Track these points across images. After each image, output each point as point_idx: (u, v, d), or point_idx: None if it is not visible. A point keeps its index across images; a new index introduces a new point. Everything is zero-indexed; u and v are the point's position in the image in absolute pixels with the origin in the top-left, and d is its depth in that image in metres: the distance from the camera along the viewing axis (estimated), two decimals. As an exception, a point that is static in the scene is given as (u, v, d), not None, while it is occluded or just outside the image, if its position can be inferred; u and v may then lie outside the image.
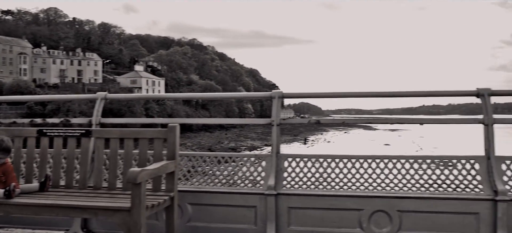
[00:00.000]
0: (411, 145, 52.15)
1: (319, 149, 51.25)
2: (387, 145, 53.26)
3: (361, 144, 54.21)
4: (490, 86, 3.54)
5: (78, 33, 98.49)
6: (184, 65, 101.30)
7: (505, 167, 3.43)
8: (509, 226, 3.26)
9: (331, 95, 4.26)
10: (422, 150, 46.02)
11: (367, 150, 39.97)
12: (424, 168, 3.52)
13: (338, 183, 3.55)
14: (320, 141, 64.63)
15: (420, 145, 52.50)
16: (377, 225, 3.41)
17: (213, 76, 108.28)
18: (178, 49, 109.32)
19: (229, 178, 3.71)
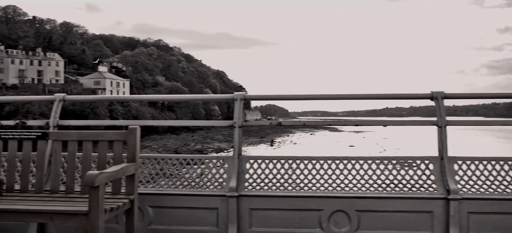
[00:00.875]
0: (375, 146, 53.51)
1: (286, 151, 51.74)
2: (351, 146, 54.42)
3: (327, 145, 55.12)
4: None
5: (39, 32, 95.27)
6: (149, 67, 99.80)
7: (457, 167, 3.58)
8: (461, 224, 3.41)
9: (293, 97, 4.32)
10: (386, 151, 47.32)
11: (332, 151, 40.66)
12: (381, 169, 3.63)
13: (299, 184, 3.61)
14: (286, 143, 65.24)
15: (384, 146, 53.94)
16: (337, 224, 3.49)
17: (180, 78, 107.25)
18: (144, 50, 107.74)
19: (190, 180, 3.70)
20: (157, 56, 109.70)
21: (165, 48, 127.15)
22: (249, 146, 56.30)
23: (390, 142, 58.82)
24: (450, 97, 3.77)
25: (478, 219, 3.43)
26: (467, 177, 3.56)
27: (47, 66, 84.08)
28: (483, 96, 4.09)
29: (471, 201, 3.43)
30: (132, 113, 67.49)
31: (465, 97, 4.01)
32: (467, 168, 3.58)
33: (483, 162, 3.60)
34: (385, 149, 49.72)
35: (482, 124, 4.19)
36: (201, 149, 51.91)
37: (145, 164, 3.78)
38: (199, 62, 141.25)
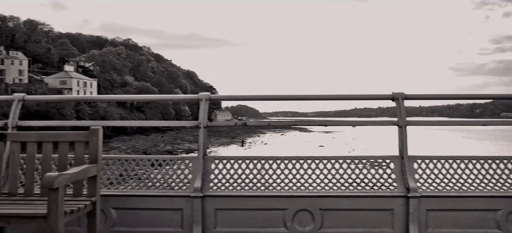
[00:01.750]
0: (344, 146, 54.32)
1: (256, 151, 51.84)
2: (321, 146, 54.99)
3: (297, 145, 55.56)
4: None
5: (1, 30, 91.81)
6: (118, 66, 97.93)
7: (417, 165, 3.70)
8: (420, 221, 3.52)
9: (259, 98, 4.34)
10: (354, 150, 48.12)
11: (302, 151, 41.10)
12: (344, 168, 3.71)
13: (264, 184, 3.64)
14: (257, 143, 65.33)
15: (352, 146, 54.86)
16: (301, 223, 3.54)
17: (149, 78, 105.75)
18: (112, 50, 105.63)
19: (155, 181, 3.67)
20: (126, 56, 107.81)
21: (134, 48, 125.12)
22: (220, 147, 56.13)
23: (359, 142, 59.87)
24: (410, 98, 3.89)
25: (436, 216, 3.56)
26: (426, 175, 3.68)
27: (10, 65, 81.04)
28: (441, 98, 4.27)
29: (430, 198, 3.55)
30: (100, 113, 66.04)
31: (424, 98, 4.16)
32: (426, 166, 3.70)
33: (441, 160, 3.72)
34: (354, 149, 50.55)
35: (440, 124, 4.33)
36: (171, 150, 51.35)
37: (109, 165, 3.72)
38: (169, 62, 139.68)
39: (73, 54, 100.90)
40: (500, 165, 3.73)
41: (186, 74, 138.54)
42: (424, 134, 65.64)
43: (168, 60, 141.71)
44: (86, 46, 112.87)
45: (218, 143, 59.91)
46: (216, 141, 61.83)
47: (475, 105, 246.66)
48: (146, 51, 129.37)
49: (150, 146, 55.69)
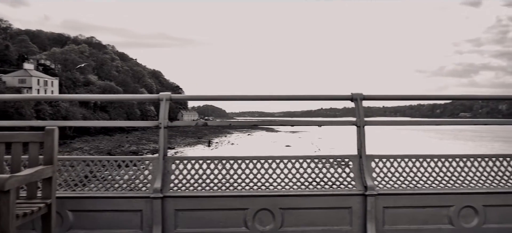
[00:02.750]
0: (310, 146, 54.98)
1: (223, 151, 51.71)
2: (288, 146, 55.46)
3: (264, 145, 55.79)
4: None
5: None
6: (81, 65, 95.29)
7: (374, 164, 3.80)
8: (377, 218, 3.62)
9: (221, 98, 4.34)
10: (320, 150, 48.78)
11: (269, 151, 41.29)
12: (304, 167, 3.77)
13: (225, 184, 3.66)
14: (224, 143, 65.18)
15: (318, 145, 55.61)
16: (261, 223, 3.57)
17: (113, 77, 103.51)
18: (74, 48, 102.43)
19: (114, 182, 3.61)
20: (89, 54, 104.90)
21: (98, 46, 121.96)
22: (187, 147, 55.67)
23: (325, 142, 60.73)
24: (368, 99, 3.99)
25: (392, 213, 3.67)
26: (383, 173, 3.79)
27: (-35, 63, 77.56)
28: (397, 98, 4.40)
29: (386, 196, 3.66)
30: (61, 113, 64.15)
31: (382, 99, 4.27)
32: (383, 165, 3.81)
33: (397, 159, 3.85)
34: (319, 149, 51.21)
35: (397, 123, 4.47)
36: (136, 150, 50.48)
37: (65, 166, 3.64)
38: (134, 61, 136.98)
39: (33, 51, 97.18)
40: (453, 163, 3.89)
41: (151, 73, 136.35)
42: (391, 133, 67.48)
43: (133, 59, 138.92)
44: (47, 43, 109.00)
45: (184, 143, 59.38)
46: (183, 141, 61.27)
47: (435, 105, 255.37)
48: (110, 50, 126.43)
49: (114, 146, 54.56)
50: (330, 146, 51.46)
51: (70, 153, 42.73)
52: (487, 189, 3.77)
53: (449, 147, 52.61)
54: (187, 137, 67.96)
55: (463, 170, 3.87)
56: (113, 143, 59.07)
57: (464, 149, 50.33)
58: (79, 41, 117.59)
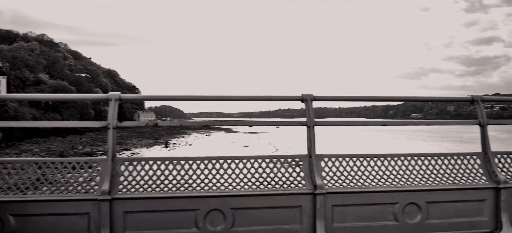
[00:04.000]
0: (268, 146, 55.34)
1: (180, 152, 51.08)
2: (246, 147, 55.53)
3: (222, 146, 55.60)
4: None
5: None
6: (31, 63, 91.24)
7: (324, 164, 3.90)
8: (326, 216, 3.72)
9: (174, 98, 4.32)
10: (278, 150, 49.22)
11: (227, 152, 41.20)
12: (256, 167, 3.80)
13: (175, 185, 3.63)
14: (182, 144, 64.37)
15: (276, 146, 56.07)
16: (212, 223, 3.57)
17: (66, 76, 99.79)
18: (24, 45, 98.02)
19: (59, 185, 3.50)
20: (40, 52, 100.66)
21: (50, 44, 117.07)
22: (143, 148, 54.54)
23: (283, 142, 61.30)
24: (319, 100, 4.08)
25: (341, 211, 3.77)
26: (332, 172, 3.90)
27: None
28: (346, 99, 4.51)
29: (335, 194, 3.76)
30: (9, 114, 61.12)
31: (331, 100, 4.38)
32: (332, 164, 3.91)
33: (346, 158, 3.96)
34: (277, 149, 51.65)
35: (347, 124, 4.59)
36: (91, 152, 48.91)
37: (7, 168, 3.48)
38: (88, 60, 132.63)
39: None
40: (398, 162, 4.06)
41: (106, 73, 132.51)
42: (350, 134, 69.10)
43: (87, 58, 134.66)
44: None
45: (141, 144, 58.14)
46: (139, 143, 59.95)
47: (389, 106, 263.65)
48: (63, 48, 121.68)
49: (67, 148, 52.64)
50: (288, 146, 51.98)
51: (19, 155, 40.82)
52: (429, 186, 3.95)
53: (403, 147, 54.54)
54: (143, 138, 66.58)
55: (408, 168, 4.04)
56: (65, 144, 56.94)
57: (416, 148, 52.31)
58: (29, 38, 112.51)
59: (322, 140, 4.28)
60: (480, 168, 4.16)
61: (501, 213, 4.01)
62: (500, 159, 4.25)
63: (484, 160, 4.20)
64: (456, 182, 4.05)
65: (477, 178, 4.11)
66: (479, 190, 4.04)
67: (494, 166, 4.15)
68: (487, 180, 4.09)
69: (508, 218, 4.00)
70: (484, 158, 4.21)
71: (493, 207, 4.04)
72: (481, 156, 4.22)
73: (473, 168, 4.17)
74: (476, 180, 4.09)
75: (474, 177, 4.11)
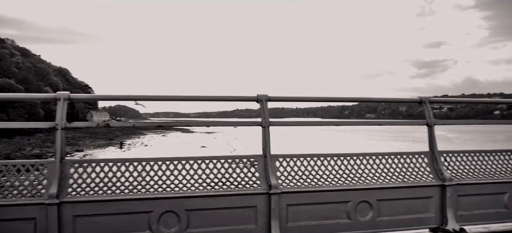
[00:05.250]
0: (225, 147, 55.23)
1: (136, 153, 50.00)
2: (203, 147, 55.14)
3: (179, 147, 54.91)
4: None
5: None
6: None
7: (278, 163, 3.93)
8: (280, 216, 3.75)
9: (126, 98, 4.21)
10: (235, 150, 49.24)
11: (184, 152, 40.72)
12: (210, 168, 3.78)
13: (128, 187, 3.54)
14: (137, 145, 62.99)
15: (234, 146, 56.07)
16: (166, 225, 3.51)
17: (13, 74, 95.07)
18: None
19: (3, 190, 3.32)
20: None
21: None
22: (96, 149, 52.94)
23: (241, 142, 61.35)
24: (274, 100, 4.11)
25: (295, 210, 3.82)
26: (286, 172, 3.94)
27: None
28: (301, 100, 4.57)
29: (289, 194, 3.80)
30: (-50, 114, 57.56)
31: (287, 100, 4.42)
32: (287, 164, 3.95)
33: (300, 158, 4.01)
34: (235, 149, 51.66)
35: (301, 124, 4.66)
36: (40, 154, 46.90)
37: None
38: (37, 57, 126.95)
39: None
40: (351, 161, 4.15)
41: (57, 71, 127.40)
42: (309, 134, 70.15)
43: (37, 56, 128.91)
44: None
45: (94, 145, 56.43)
46: (92, 143, 58.15)
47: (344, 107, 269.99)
48: (9, 44, 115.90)
49: (14, 150, 50.26)
50: (246, 146, 52.08)
51: (-40, 157, 38.49)
52: (380, 185, 4.07)
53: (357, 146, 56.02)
54: (97, 139, 64.62)
55: (360, 168, 4.15)
56: (12, 146, 54.36)
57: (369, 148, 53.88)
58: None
59: (279, 140, 4.33)
60: (427, 167, 4.34)
61: (446, 209, 4.20)
62: (446, 158, 4.45)
63: (431, 158, 4.38)
64: (406, 180, 4.20)
65: (425, 176, 4.28)
66: (426, 187, 4.21)
67: (440, 164, 4.34)
68: (434, 178, 4.27)
69: (453, 214, 4.20)
70: (431, 157, 4.39)
71: (439, 203, 4.22)
72: (429, 155, 4.41)
73: (421, 167, 4.34)
74: (424, 178, 4.26)
75: (422, 175, 4.29)
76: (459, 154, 4.52)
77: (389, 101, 5.15)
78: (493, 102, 13.95)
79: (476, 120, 6.05)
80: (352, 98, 5.14)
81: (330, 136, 76.64)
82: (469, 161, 4.52)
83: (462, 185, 4.28)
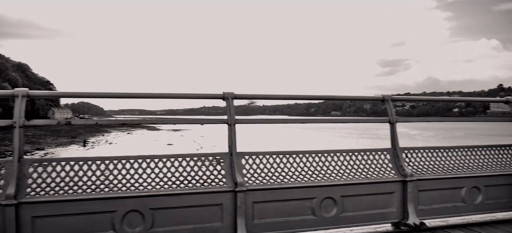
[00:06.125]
0: (192, 144, 54.79)
1: (100, 151, 48.86)
2: (170, 145, 54.51)
3: (145, 144, 54.03)
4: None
5: None
6: None
7: (244, 161, 3.94)
8: (246, 213, 3.76)
9: (86, 95, 4.10)
10: (202, 148, 48.94)
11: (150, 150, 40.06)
12: (176, 166, 3.74)
13: (90, 186, 3.45)
14: (101, 143, 61.55)
15: (201, 143, 55.71)
16: (130, 225, 3.45)
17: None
18: None
19: None
20: None
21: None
22: (58, 147, 51.35)
23: (208, 139, 61.01)
24: (240, 98, 4.12)
25: (261, 208, 3.84)
26: (252, 170, 3.95)
27: None
28: (269, 97, 4.61)
29: (255, 191, 3.81)
30: None
31: (253, 98, 4.44)
32: (253, 162, 3.97)
33: (266, 156, 4.03)
34: (202, 147, 51.35)
35: (267, 122, 4.70)
36: (-3, 152, 45.10)
37: None
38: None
39: None
40: (316, 158, 4.21)
41: (17, 66, 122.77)
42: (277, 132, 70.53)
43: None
44: None
45: (56, 144, 54.68)
46: (54, 142, 56.32)
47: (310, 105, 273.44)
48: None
49: (-32, 149, 48.05)
50: (212, 144, 51.85)
51: None
52: (344, 181, 4.15)
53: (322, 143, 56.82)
54: (59, 137, 62.70)
55: (324, 164, 4.22)
56: (-35, 144, 51.96)
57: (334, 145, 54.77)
58: None
59: (245, 138, 4.33)
60: (389, 163, 4.46)
61: (407, 204, 4.33)
62: (407, 154, 4.59)
63: (393, 155, 4.50)
64: (369, 176, 4.30)
65: (387, 172, 4.40)
66: (388, 183, 4.33)
67: (402, 160, 4.46)
68: (396, 174, 4.40)
69: (414, 208, 4.33)
70: (393, 153, 4.51)
71: (401, 198, 4.35)
72: (391, 152, 4.53)
73: (384, 163, 4.46)
74: (386, 174, 4.38)
75: (385, 171, 4.40)
76: (420, 150, 4.67)
77: (353, 99, 5.27)
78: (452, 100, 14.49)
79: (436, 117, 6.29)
80: (317, 96, 5.24)
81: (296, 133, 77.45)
82: (429, 157, 4.68)
83: (422, 180, 4.42)
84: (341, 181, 4.16)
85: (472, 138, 56.24)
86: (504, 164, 4.96)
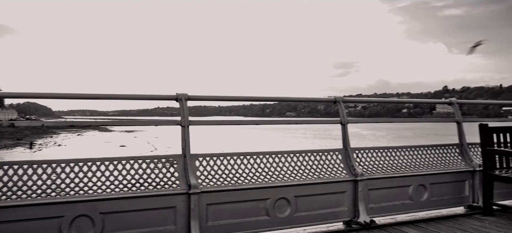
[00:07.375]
0: (146, 145, 53.72)
1: (48, 154, 46.89)
2: (123, 146, 53.15)
3: (96, 146, 52.31)
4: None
5: None
6: None
7: (198, 163, 3.92)
8: (200, 215, 3.74)
9: (32, 96, 3.92)
10: (157, 149, 48.11)
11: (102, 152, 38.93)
12: (127, 169, 3.66)
13: (36, 191, 3.31)
14: (49, 145, 59.05)
15: (155, 145, 54.74)
16: (79, 230, 3.35)
17: None
18: None
19: None
20: None
21: None
22: (2, 150, 48.80)
23: (162, 141, 60.03)
24: (193, 99, 4.09)
25: (215, 209, 3.83)
26: (206, 172, 3.93)
27: None
28: (221, 99, 4.61)
29: (209, 193, 3.80)
30: None
31: (207, 99, 4.43)
32: (207, 163, 3.95)
33: (220, 157, 4.03)
34: (156, 148, 50.48)
35: (221, 123, 4.69)
36: None
37: None
38: None
39: None
40: (270, 159, 4.26)
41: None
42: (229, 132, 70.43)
43: None
44: None
45: (-2, 146, 51.92)
46: (-4, 144, 53.49)
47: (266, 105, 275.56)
48: None
49: None
50: (167, 145, 51.07)
51: None
52: (297, 182, 4.22)
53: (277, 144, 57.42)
54: (3, 139, 59.57)
55: (278, 165, 4.27)
56: None
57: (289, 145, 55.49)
58: None
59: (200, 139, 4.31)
60: (341, 163, 4.59)
61: (358, 203, 4.47)
62: (358, 154, 4.74)
63: (344, 155, 4.63)
64: (321, 176, 4.40)
65: (339, 172, 4.52)
66: (340, 183, 4.44)
67: (353, 160, 4.60)
68: (347, 174, 4.52)
69: (364, 207, 4.48)
70: (344, 154, 4.64)
71: (352, 197, 4.48)
72: (342, 152, 4.65)
73: (336, 163, 4.57)
74: (338, 174, 4.50)
75: (336, 171, 4.52)
76: (370, 150, 4.83)
77: (307, 100, 5.37)
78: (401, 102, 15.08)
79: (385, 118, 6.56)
80: (272, 98, 5.32)
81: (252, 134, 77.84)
82: (378, 157, 4.85)
83: (372, 179, 4.58)
84: (295, 182, 4.22)
85: (420, 138, 58.67)
86: (448, 162, 5.23)
